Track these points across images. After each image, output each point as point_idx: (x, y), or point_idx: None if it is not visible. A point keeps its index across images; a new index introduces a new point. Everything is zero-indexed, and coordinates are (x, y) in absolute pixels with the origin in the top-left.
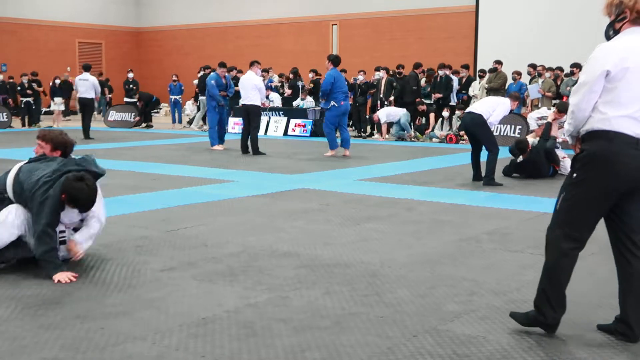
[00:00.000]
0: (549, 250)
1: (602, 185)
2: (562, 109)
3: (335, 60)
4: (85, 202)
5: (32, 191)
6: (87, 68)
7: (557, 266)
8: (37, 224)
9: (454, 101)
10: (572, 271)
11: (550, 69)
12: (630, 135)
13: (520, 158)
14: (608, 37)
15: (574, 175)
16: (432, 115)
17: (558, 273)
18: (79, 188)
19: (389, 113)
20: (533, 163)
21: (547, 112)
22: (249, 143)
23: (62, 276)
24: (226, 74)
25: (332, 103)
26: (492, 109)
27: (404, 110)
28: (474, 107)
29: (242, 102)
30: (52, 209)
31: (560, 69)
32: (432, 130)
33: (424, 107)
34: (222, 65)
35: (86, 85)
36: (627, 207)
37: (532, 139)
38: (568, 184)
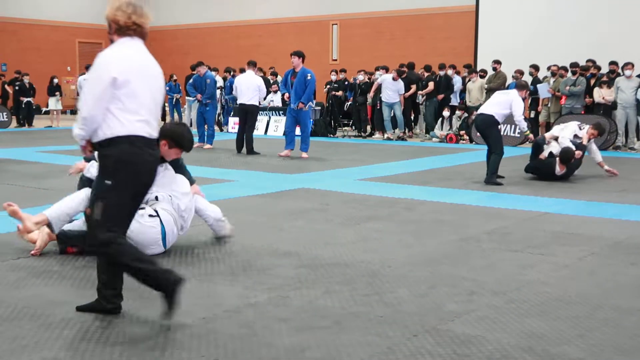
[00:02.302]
0: (108, 252)
1: (133, 184)
2: (600, 130)
3: (304, 57)
4: (190, 140)
5: None
6: None
7: (122, 261)
8: None
9: (456, 101)
10: None
11: (564, 68)
12: (146, 136)
13: (547, 152)
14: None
15: (107, 181)
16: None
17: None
18: (179, 130)
19: (392, 86)
20: (548, 166)
21: (577, 129)
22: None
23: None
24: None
25: (309, 104)
26: (504, 108)
27: (402, 84)
28: (484, 108)
29: (240, 101)
30: None
31: (565, 68)
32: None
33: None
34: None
35: None
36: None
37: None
38: (103, 191)
